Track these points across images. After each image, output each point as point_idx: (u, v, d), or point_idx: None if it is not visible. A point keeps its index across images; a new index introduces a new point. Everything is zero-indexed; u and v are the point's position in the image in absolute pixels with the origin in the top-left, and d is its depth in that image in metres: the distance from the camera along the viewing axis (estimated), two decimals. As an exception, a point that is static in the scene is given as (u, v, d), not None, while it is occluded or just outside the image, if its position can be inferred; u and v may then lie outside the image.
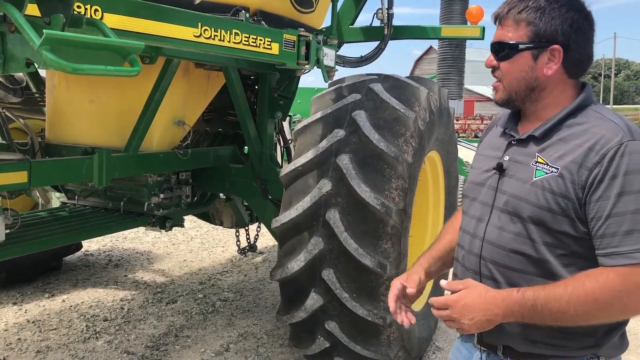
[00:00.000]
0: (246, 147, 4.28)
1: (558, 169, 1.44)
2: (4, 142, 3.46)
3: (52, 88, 3.63)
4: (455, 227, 1.79)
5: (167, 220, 3.90)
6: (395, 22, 4.82)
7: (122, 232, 6.49)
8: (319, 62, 3.39)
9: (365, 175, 2.93)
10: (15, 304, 4.60)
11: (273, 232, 3.37)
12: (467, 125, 26.99)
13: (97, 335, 4.06)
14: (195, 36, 2.42)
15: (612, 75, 61.09)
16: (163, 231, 3.96)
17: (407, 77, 3.48)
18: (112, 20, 2.01)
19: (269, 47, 2.90)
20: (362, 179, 2.91)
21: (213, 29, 2.51)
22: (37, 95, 3.86)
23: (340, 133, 3.04)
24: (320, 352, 3.13)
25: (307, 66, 3.25)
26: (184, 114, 3.70)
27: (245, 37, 2.71)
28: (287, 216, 3.05)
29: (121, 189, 3.79)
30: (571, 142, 1.45)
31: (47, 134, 3.74)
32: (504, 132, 1.64)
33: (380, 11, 4.71)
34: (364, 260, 2.86)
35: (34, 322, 4.26)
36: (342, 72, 19.92)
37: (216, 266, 5.87)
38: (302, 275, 3.03)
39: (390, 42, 4.85)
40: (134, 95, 3.37)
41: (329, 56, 3.56)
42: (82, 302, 4.67)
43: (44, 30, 1.50)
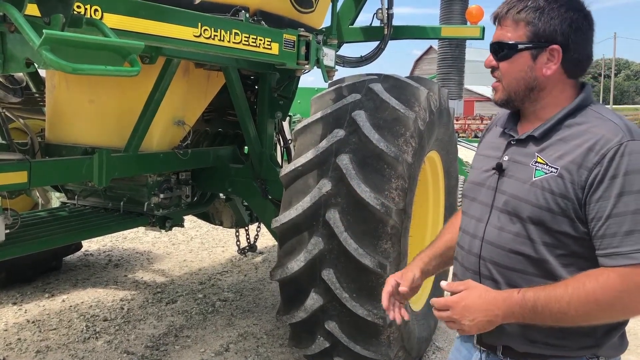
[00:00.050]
0: (246, 147, 4.28)
1: (557, 169, 1.44)
2: (4, 142, 3.46)
3: (52, 88, 3.63)
4: (455, 226, 1.79)
5: (167, 220, 3.90)
6: (396, 22, 4.83)
7: (122, 232, 6.49)
8: (318, 62, 3.39)
9: (365, 175, 2.93)
10: (15, 304, 4.60)
11: (273, 232, 3.37)
12: (467, 125, 27.00)
13: (97, 335, 4.06)
14: (195, 36, 2.42)
15: (612, 75, 61.09)
16: (163, 231, 3.96)
17: (407, 77, 3.48)
18: (112, 20, 2.01)
19: (269, 47, 2.90)
20: (362, 179, 2.91)
21: (213, 29, 2.51)
22: (37, 95, 3.86)
23: (340, 133, 3.04)
24: (320, 352, 3.13)
25: (307, 66, 3.25)
26: (184, 114, 3.70)
27: (245, 37, 2.72)
28: (287, 216, 3.05)
29: (121, 189, 3.79)
30: (571, 142, 1.45)
31: (47, 134, 3.74)
32: (504, 132, 1.63)
33: (380, 11, 4.72)
34: (364, 260, 2.86)
35: (33, 322, 4.26)
36: (342, 72, 19.93)
37: (216, 266, 5.86)
38: (302, 275, 3.03)
39: (390, 42, 4.85)
40: (134, 95, 3.37)
41: (328, 56, 3.56)
42: (82, 302, 4.67)
43: (44, 30, 1.50)
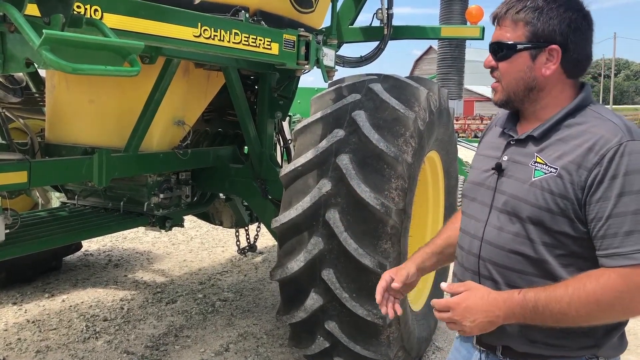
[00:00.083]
0: (246, 147, 4.28)
1: (557, 169, 1.44)
2: (3, 142, 3.46)
3: (51, 88, 3.63)
4: (455, 225, 1.80)
5: (167, 220, 3.90)
6: (395, 22, 4.83)
7: (121, 232, 6.49)
8: (318, 62, 3.39)
9: (365, 175, 2.93)
10: (15, 303, 4.60)
11: (273, 232, 3.37)
12: (466, 125, 27.00)
13: (97, 335, 4.06)
14: (195, 36, 2.42)
15: (612, 76, 61.07)
16: (163, 231, 3.96)
17: (407, 77, 3.48)
18: (112, 20, 2.01)
19: (269, 47, 2.90)
20: (361, 179, 2.91)
21: (213, 29, 2.51)
22: (37, 95, 3.86)
23: (340, 133, 3.04)
24: (320, 352, 3.13)
25: (306, 66, 3.25)
26: (184, 114, 3.70)
27: (245, 37, 2.71)
28: (286, 216, 3.05)
29: (121, 189, 3.79)
30: (570, 143, 1.45)
31: (47, 134, 3.74)
32: (503, 132, 1.63)
33: (380, 11, 4.72)
34: (364, 260, 2.86)
35: (33, 322, 4.26)
36: (341, 72, 19.94)
37: (216, 266, 5.87)
38: (301, 275, 3.03)
39: (390, 42, 4.86)
40: (133, 95, 3.37)
41: (328, 56, 3.56)
42: (82, 302, 4.67)
43: (44, 30, 1.50)
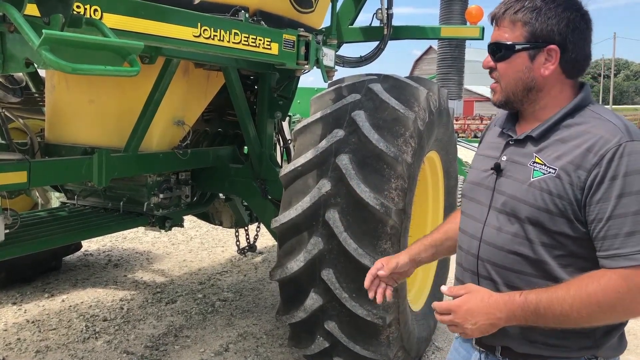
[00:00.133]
0: (246, 147, 4.28)
1: (556, 170, 1.44)
2: (3, 142, 3.46)
3: (51, 88, 3.63)
4: (455, 220, 1.80)
5: (167, 220, 3.90)
6: (395, 22, 4.83)
7: (121, 232, 6.49)
8: (318, 62, 3.39)
9: (365, 176, 2.93)
10: (14, 303, 4.60)
11: (273, 232, 3.37)
12: (466, 125, 27.01)
13: (97, 335, 4.06)
14: (194, 36, 2.42)
15: (612, 76, 61.00)
16: (162, 231, 3.96)
17: (407, 77, 3.48)
18: (112, 20, 2.01)
19: (269, 47, 2.90)
20: (361, 179, 2.91)
21: (212, 29, 2.51)
22: (37, 95, 3.86)
23: (339, 133, 3.04)
24: (319, 352, 3.13)
25: (306, 66, 3.25)
26: (184, 114, 3.70)
27: (244, 37, 2.71)
28: (286, 216, 3.05)
29: (121, 189, 3.79)
30: (569, 143, 1.45)
31: (46, 134, 3.74)
32: (502, 132, 1.63)
33: (380, 11, 4.72)
34: (364, 261, 2.86)
35: (33, 322, 4.26)
36: (341, 72, 19.95)
37: (216, 266, 5.86)
38: (301, 275, 3.03)
39: (390, 42, 4.86)
40: (133, 95, 3.37)
41: (328, 56, 3.56)
42: (82, 302, 4.67)
43: (43, 30, 1.49)
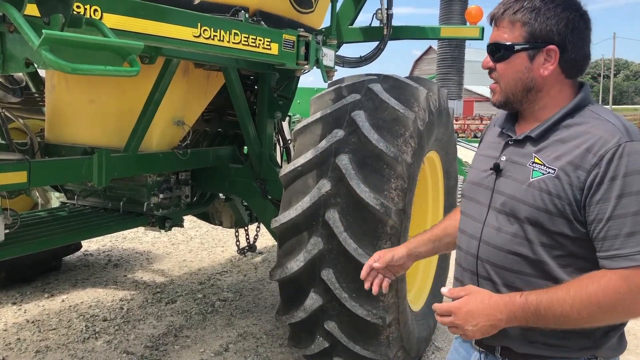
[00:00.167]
0: (246, 147, 4.28)
1: (555, 170, 1.44)
2: (3, 142, 3.46)
3: (51, 88, 3.63)
4: (455, 216, 1.81)
5: (167, 220, 3.90)
6: (395, 22, 4.83)
7: (121, 232, 6.49)
8: (318, 63, 3.39)
9: (365, 176, 2.94)
10: (14, 303, 4.60)
11: (272, 232, 3.37)
12: (466, 126, 27.02)
13: (97, 335, 4.06)
14: (194, 36, 2.42)
15: (612, 76, 60.99)
16: (162, 231, 3.96)
17: (407, 78, 3.48)
18: (112, 21, 2.01)
19: (269, 47, 2.90)
20: (361, 179, 2.91)
21: (212, 29, 2.51)
22: (37, 95, 3.86)
23: (339, 133, 3.04)
24: (319, 352, 3.13)
25: (306, 66, 3.25)
26: (184, 114, 3.70)
27: (244, 37, 2.71)
28: (286, 216, 3.05)
29: (121, 189, 3.79)
30: (568, 143, 1.45)
31: (46, 134, 3.74)
32: (502, 132, 1.63)
33: (380, 11, 4.72)
34: (364, 261, 2.84)
35: (33, 322, 4.26)
36: (341, 73, 19.94)
37: (216, 266, 5.87)
38: (301, 275, 3.03)
39: (390, 42, 4.86)
40: (133, 95, 3.37)
41: (328, 56, 3.56)
42: (82, 302, 4.67)
43: (43, 31, 1.49)
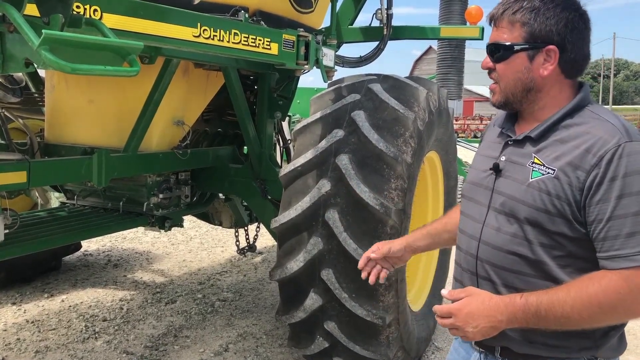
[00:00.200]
0: (245, 147, 4.28)
1: (554, 170, 1.43)
2: (3, 142, 3.46)
3: (51, 88, 3.63)
4: (456, 213, 1.81)
5: (166, 220, 3.90)
6: (395, 22, 4.84)
7: (121, 232, 6.49)
8: (318, 62, 3.39)
9: (365, 176, 2.93)
10: (14, 304, 4.60)
11: (272, 232, 3.37)
12: (466, 126, 27.04)
13: (96, 335, 4.06)
14: (194, 36, 2.42)
15: (612, 76, 60.99)
16: (162, 231, 3.96)
17: (407, 78, 3.48)
18: (111, 20, 2.01)
19: (268, 47, 2.90)
20: (361, 179, 2.91)
21: (212, 29, 2.51)
22: (37, 95, 3.86)
23: (339, 133, 3.04)
24: (319, 352, 3.13)
25: (306, 66, 3.25)
26: (184, 114, 3.70)
27: (244, 37, 2.71)
28: (286, 216, 3.05)
29: (120, 189, 3.79)
30: (568, 144, 1.45)
31: (46, 134, 3.74)
32: (501, 132, 1.63)
33: (380, 11, 4.73)
34: (363, 261, 2.86)
35: (33, 322, 4.26)
36: (341, 72, 19.95)
37: (215, 266, 5.86)
38: (301, 275, 3.03)
39: (390, 42, 4.86)
40: (133, 96, 3.37)
41: (328, 56, 3.56)
42: (81, 302, 4.67)
43: (43, 31, 1.49)
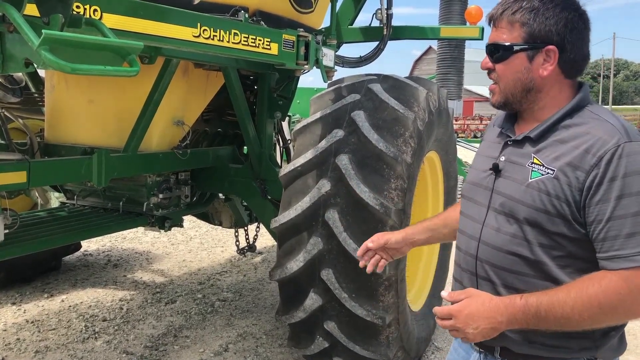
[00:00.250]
0: (245, 147, 4.28)
1: (554, 171, 1.43)
2: (3, 142, 3.46)
3: (51, 88, 3.63)
4: (456, 209, 1.81)
5: (166, 220, 3.90)
6: (396, 22, 4.85)
7: (121, 232, 6.49)
8: (318, 63, 3.39)
9: (365, 176, 2.93)
10: (14, 304, 4.60)
11: (272, 232, 3.37)
12: (466, 126, 27.07)
13: (96, 335, 4.06)
14: (194, 36, 2.42)
15: (611, 76, 61.02)
16: (162, 231, 3.96)
17: (406, 78, 3.48)
18: (111, 20, 2.01)
19: (268, 47, 2.90)
20: (361, 179, 2.91)
21: (212, 29, 2.51)
22: (36, 95, 3.86)
23: (339, 133, 3.04)
24: (319, 352, 3.13)
25: (306, 66, 3.25)
26: (183, 114, 3.70)
27: (244, 37, 2.71)
28: (286, 216, 3.05)
29: (120, 189, 3.79)
30: (567, 144, 1.45)
31: (46, 134, 3.74)
32: (501, 132, 1.63)
33: (380, 11, 4.73)
34: (363, 261, 2.86)
35: (32, 322, 4.26)
36: (341, 73, 19.97)
37: (215, 266, 5.86)
38: (301, 275, 3.03)
39: (390, 42, 4.86)
40: (133, 95, 3.37)
41: (328, 56, 3.56)
42: (81, 302, 4.67)
43: (43, 31, 1.49)
